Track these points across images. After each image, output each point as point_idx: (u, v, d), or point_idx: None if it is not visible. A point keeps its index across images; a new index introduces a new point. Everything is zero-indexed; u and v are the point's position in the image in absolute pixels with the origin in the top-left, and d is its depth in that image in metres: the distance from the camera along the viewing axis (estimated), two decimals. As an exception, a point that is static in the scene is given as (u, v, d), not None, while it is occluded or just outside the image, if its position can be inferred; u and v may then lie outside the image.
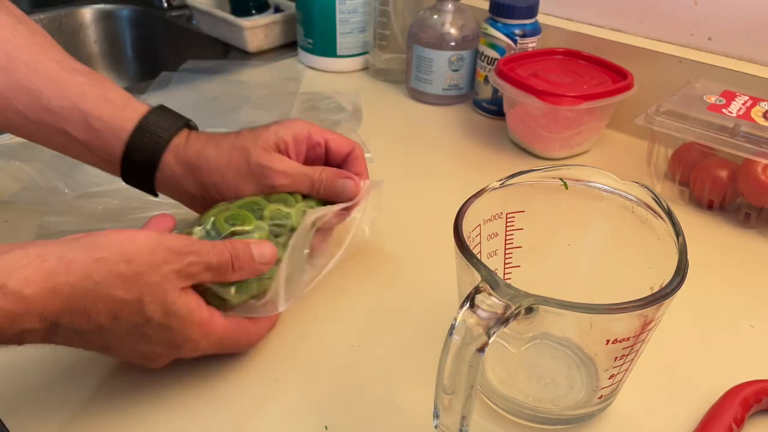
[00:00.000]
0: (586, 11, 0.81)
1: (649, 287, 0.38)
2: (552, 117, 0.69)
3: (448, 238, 0.61)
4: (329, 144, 0.52)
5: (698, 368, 0.47)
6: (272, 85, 0.87)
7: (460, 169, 0.72)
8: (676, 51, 0.73)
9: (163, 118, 0.50)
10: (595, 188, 0.43)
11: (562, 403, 0.42)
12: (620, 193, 0.42)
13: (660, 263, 0.39)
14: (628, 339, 0.36)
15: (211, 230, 0.45)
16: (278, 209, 0.48)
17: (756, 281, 0.55)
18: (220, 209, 0.47)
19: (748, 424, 0.42)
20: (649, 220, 0.41)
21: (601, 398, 0.41)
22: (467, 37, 0.80)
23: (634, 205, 0.42)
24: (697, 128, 0.60)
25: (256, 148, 0.49)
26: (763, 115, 0.60)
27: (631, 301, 0.34)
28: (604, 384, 0.40)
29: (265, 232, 0.46)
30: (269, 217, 0.47)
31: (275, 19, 0.98)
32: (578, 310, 0.34)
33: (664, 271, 0.37)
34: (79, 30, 1.13)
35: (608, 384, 0.40)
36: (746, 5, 0.69)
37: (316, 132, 0.52)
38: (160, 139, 0.49)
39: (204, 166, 0.49)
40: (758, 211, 0.60)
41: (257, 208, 0.47)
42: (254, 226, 0.46)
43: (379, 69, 0.91)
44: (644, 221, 0.41)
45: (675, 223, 0.39)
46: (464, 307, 0.33)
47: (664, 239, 0.39)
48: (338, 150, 0.52)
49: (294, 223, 0.48)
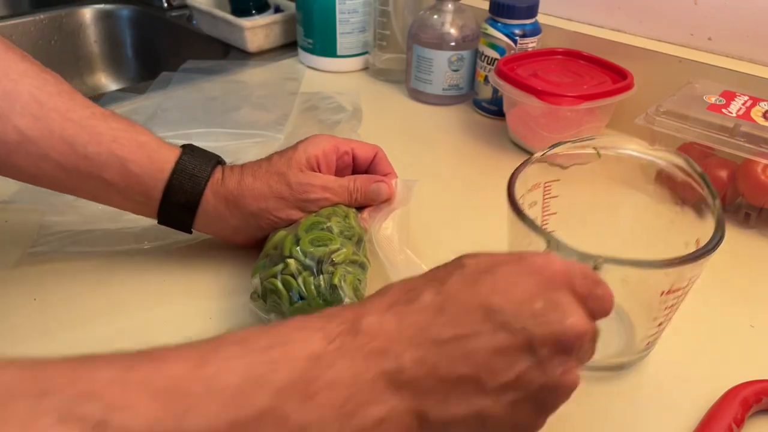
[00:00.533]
0: (586, 11, 0.81)
1: (683, 244, 0.41)
2: (552, 117, 0.69)
3: (448, 237, 0.61)
4: (355, 152, 0.54)
5: (698, 368, 0.47)
6: (272, 85, 0.87)
7: (460, 169, 0.72)
8: (676, 51, 0.73)
9: (197, 158, 0.51)
10: (626, 155, 0.46)
11: (607, 351, 0.45)
12: (651, 158, 0.46)
13: (690, 224, 0.42)
14: (678, 290, 0.41)
15: (305, 259, 0.46)
16: (338, 221, 0.49)
17: (756, 281, 0.55)
18: (285, 236, 0.48)
19: (748, 424, 0.42)
20: (682, 183, 0.44)
21: (648, 344, 0.46)
22: (467, 37, 0.80)
23: (666, 169, 0.45)
24: (697, 128, 0.60)
25: (292, 170, 0.50)
26: (762, 115, 0.60)
27: (688, 254, 0.38)
28: (652, 332, 0.44)
29: (349, 246, 0.47)
30: (339, 232, 0.48)
31: (275, 19, 0.98)
32: (646, 266, 0.37)
33: (695, 232, 0.41)
34: (79, 30, 1.13)
35: (655, 331, 0.44)
36: (746, 5, 0.69)
37: (342, 143, 0.53)
38: (198, 179, 0.50)
39: (247, 194, 0.50)
40: (758, 211, 0.60)
41: (323, 226, 0.48)
42: (340, 242, 0.47)
43: (379, 69, 0.91)
44: (677, 184, 0.44)
45: (708, 185, 0.42)
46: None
47: (696, 202, 0.43)
48: (364, 156, 0.54)
49: (359, 233, 0.50)
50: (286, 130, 0.72)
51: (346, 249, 0.47)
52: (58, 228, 0.57)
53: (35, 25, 1.07)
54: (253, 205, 0.50)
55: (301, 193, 0.50)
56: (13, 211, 0.60)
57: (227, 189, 0.50)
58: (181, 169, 0.49)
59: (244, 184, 0.50)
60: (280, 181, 0.50)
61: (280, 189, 0.50)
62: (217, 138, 0.70)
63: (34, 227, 0.57)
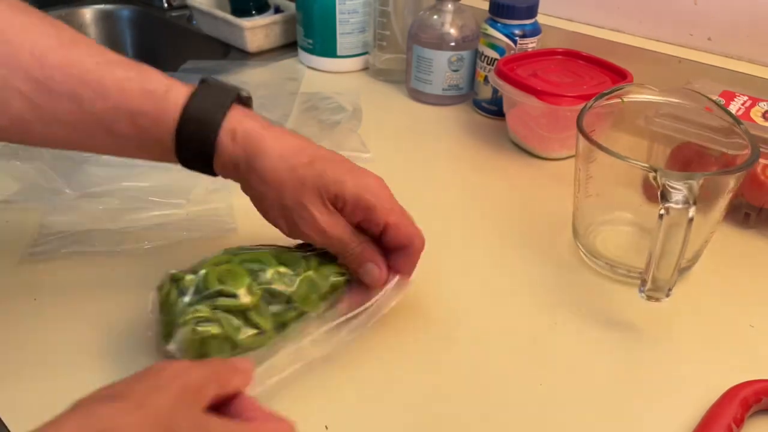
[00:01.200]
0: (586, 11, 0.81)
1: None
2: (552, 117, 0.69)
3: (448, 236, 0.61)
4: (387, 230, 0.46)
5: (698, 368, 0.47)
6: (272, 85, 0.87)
7: (459, 169, 0.72)
8: (676, 51, 0.73)
9: (210, 97, 0.45)
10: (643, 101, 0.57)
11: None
12: (667, 100, 0.57)
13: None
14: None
15: (200, 284, 0.43)
16: (282, 273, 0.45)
17: (756, 281, 0.55)
18: (220, 259, 0.45)
19: (747, 424, 0.42)
20: (700, 114, 0.56)
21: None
22: (467, 37, 0.80)
23: (684, 104, 0.56)
24: (696, 129, 0.60)
25: (313, 192, 0.45)
26: (762, 115, 0.60)
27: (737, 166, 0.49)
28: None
29: (251, 299, 0.43)
30: (267, 282, 0.44)
31: (275, 20, 0.98)
32: (735, 171, 0.48)
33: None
34: (79, 30, 1.11)
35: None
36: (746, 5, 0.69)
37: (382, 211, 0.46)
38: (209, 125, 0.45)
39: (259, 169, 0.45)
40: (758, 211, 0.60)
41: (259, 268, 0.45)
42: (244, 289, 0.43)
43: (379, 69, 0.91)
44: (696, 113, 0.56)
45: (730, 113, 0.53)
46: (665, 194, 0.44)
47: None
48: (393, 240, 0.47)
49: (293, 296, 0.45)
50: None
51: (244, 300, 0.43)
52: (58, 228, 0.57)
53: (35, 25, 1.07)
54: (258, 185, 0.45)
55: (298, 218, 0.45)
56: (13, 211, 0.60)
57: (246, 147, 0.45)
58: (188, 117, 0.44)
59: (262, 154, 0.44)
60: (295, 187, 0.45)
61: (287, 194, 0.45)
62: (217, 138, 0.70)
63: (34, 227, 0.57)
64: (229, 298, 0.43)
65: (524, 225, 0.61)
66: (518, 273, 0.56)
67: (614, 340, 0.49)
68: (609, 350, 0.48)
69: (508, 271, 0.56)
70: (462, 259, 0.57)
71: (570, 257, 0.57)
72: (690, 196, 0.44)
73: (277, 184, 0.45)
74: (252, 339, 0.44)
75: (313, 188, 0.44)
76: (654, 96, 0.57)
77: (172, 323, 0.43)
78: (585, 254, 0.57)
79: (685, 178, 0.45)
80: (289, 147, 0.45)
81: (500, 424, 0.43)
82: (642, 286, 0.47)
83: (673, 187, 0.44)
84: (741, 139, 0.51)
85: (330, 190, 0.45)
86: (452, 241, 0.59)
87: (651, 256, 0.46)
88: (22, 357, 0.46)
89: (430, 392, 0.45)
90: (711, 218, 0.51)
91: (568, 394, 0.45)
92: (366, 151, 0.67)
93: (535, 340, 0.49)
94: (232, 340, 0.43)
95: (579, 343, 0.49)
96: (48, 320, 0.49)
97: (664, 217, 0.44)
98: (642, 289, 0.47)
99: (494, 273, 0.56)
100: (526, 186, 0.68)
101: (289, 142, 0.46)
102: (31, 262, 0.54)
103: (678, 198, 0.44)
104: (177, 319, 0.43)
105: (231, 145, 0.45)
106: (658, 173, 0.45)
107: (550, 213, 0.63)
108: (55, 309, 0.50)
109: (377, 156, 0.69)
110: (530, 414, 0.43)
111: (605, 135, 0.75)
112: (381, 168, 0.68)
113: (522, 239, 0.59)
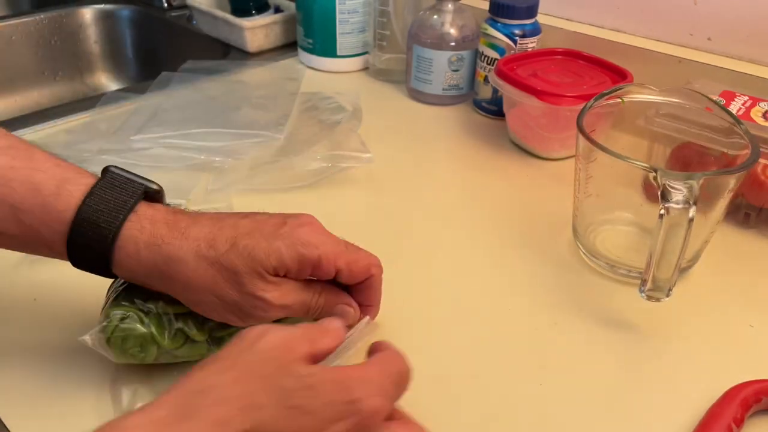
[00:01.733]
0: (586, 11, 0.81)
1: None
2: (552, 117, 0.69)
3: (448, 236, 0.61)
4: (340, 274, 0.42)
5: (698, 368, 0.47)
6: (272, 85, 0.86)
7: (459, 169, 0.72)
8: (676, 51, 0.73)
9: (107, 197, 0.39)
10: (643, 100, 0.58)
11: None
12: (667, 100, 0.57)
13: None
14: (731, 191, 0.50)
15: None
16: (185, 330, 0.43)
17: (755, 281, 0.55)
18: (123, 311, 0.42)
19: (747, 424, 0.42)
20: (700, 114, 0.56)
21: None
22: (467, 37, 0.80)
23: (684, 104, 0.57)
24: (696, 129, 0.60)
25: (251, 275, 0.39)
26: (762, 115, 0.60)
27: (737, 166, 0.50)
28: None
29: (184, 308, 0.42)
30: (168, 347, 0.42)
31: (275, 19, 0.98)
32: (735, 171, 0.49)
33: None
34: (79, 30, 1.13)
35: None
36: (746, 5, 0.69)
37: (328, 260, 0.41)
38: (105, 232, 0.38)
39: (178, 278, 0.39)
40: (758, 211, 0.60)
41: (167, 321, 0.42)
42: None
43: (379, 69, 0.91)
44: (696, 114, 0.56)
45: (730, 113, 0.53)
46: (666, 194, 0.44)
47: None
48: (350, 280, 0.43)
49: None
50: (286, 130, 0.72)
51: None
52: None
53: (35, 25, 1.07)
54: (185, 294, 0.40)
55: (250, 308, 0.40)
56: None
57: (151, 255, 0.39)
58: (81, 220, 0.38)
59: (175, 260, 0.38)
60: (228, 280, 0.39)
61: (225, 289, 0.39)
62: (217, 138, 0.70)
63: (34, 227, 0.57)
64: (161, 302, 0.42)
65: (524, 225, 0.61)
66: (518, 273, 0.56)
67: (614, 340, 0.49)
68: (609, 350, 0.48)
69: (508, 271, 0.56)
70: (462, 259, 0.57)
71: (570, 257, 0.57)
72: (690, 196, 0.44)
73: (208, 285, 0.39)
74: (182, 348, 0.43)
75: (249, 272, 0.39)
76: (654, 96, 0.58)
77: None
78: (585, 254, 0.57)
79: (686, 178, 0.45)
80: (203, 240, 0.39)
81: (500, 424, 0.43)
82: (642, 286, 0.47)
83: (673, 187, 0.45)
84: (741, 139, 0.52)
85: (267, 265, 0.39)
86: (452, 241, 0.59)
87: (651, 256, 0.46)
88: (22, 357, 0.46)
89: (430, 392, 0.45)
90: (711, 218, 0.52)
91: (568, 394, 0.45)
92: (366, 151, 0.67)
93: (535, 340, 0.49)
94: (157, 343, 0.42)
95: (579, 343, 0.49)
96: (48, 320, 0.49)
97: (664, 217, 0.44)
98: (642, 289, 0.47)
99: (494, 273, 0.56)
100: (526, 186, 0.68)
101: (201, 233, 0.40)
102: (31, 262, 0.54)
103: (678, 198, 0.44)
104: (105, 313, 0.42)
105: (135, 254, 0.39)
106: (659, 173, 0.45)
107: (550, 213, 0.63)
108: (55, 309, 0.50)
109: (377, 156, 0.69)
110: (530, 414, 0.43)
111: (605, 135, 0.75)
112: (381, 168, 0.69)
113: (522, 239, 0.59)
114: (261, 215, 0.42)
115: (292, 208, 0.63)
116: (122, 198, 0.39)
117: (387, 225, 0.61)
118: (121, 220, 0.38)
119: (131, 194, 0.40)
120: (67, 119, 0.77)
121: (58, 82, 1.13)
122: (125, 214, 0.39)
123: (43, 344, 0.47)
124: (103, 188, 0.39)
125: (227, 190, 0.64)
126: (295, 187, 0.65)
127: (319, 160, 0.66)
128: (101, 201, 0.38)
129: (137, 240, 0.39)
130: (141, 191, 0.40)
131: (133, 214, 0.39)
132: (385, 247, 0.58)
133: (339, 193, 0.66)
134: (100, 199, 0.39)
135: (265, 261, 0.39)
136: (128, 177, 0.40)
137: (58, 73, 1.13)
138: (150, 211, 0.40)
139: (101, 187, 0.39)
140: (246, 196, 0.64)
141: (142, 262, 0.39)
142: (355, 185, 0.67)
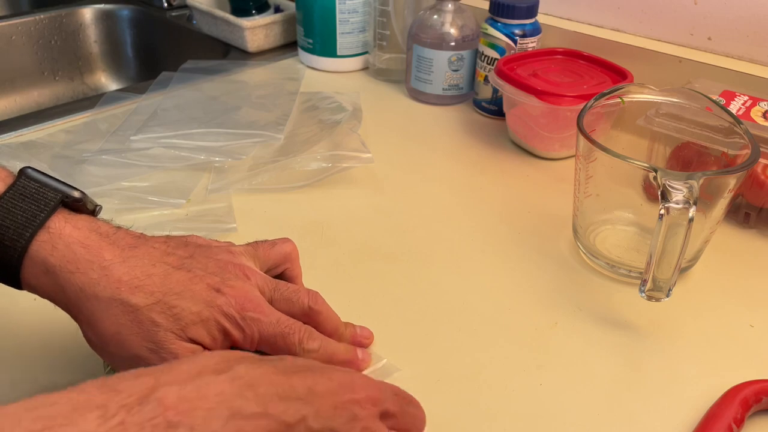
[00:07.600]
0: (586, 11, 0.81)
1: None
2: (552, 117, 0.69)
3: (448, 236, 0.61)
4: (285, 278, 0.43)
5: (698, 368, 0.47)
6: (272, 85, 0.87)
7: (459, 169, 0.72)
8: (676, 51, 0.73)
9: (17, 208, 0.34)
10: (643, 100, 0.58)
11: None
12: (667, 100, 0.58)
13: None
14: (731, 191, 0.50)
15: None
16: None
17: (755, 281, 0.55)
18: None
19: (748, 424, 0.42)
20: (700, 114, 0.56)
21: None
22: (467, 37, 0.80)
23: (684, 104, 0.57)
24: (696, 128, 0.60)
25: (170, 333, 0.35)
26: (762, 115, 0.60)
27: (737, 166, 0.49)
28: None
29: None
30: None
31: (275, 19, 0.98)
32: (735, 171, 0.48)
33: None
34: (79, 30, 1.13)
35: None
36: (746, 5, 0.69)
37: (253, 340, 0.37)
38: (11, 251, 0.34)
39: (84, 312, 0.35)
40: (758, 211, 0.60)
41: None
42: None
43: (379, 69, 0.91)
44: (696, 113, 0.56)
45: (730, 113, 0.53)
46: (666, 194, 0.45)
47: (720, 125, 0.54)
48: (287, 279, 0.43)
49: None
50: (286, 130, 0.72)
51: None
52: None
53: (35, 25, 1.07)
54: (95, 335, 0.35)
55: (156, 361, 0.35)
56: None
57: (59, 283, 0.34)
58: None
59: (87, 297, 0.34)
60: (141, 333, 0.34)
61: (131, 341, 0.34)
62: (217, 138, 0.70)
63: (34, 227, 0.57)
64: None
65: (524, 225, 0.61)
66: (518, 273, 0.56)
67: (614, 340, 0.49)
68: (609, 350, 0.48)
69: (508, 270, 0.56)
70: (461, 259, 0.57)
71: (570, 257, 0.57)
72: (690, 196, 0.44)
73: (114, 332, 0.34)
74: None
75: (170, 330, 0.35)
76: (654, 96, 0.58)
77: None
78: (585, 254, 0.57)
79: (686, 178, 0.45)
80: (125, 284, 0.35)
81: (500, 424, 0.43)
82: (642, 285, 0.47)
83: (673, 186, 0.45)
84: (741, 139, 0.52)
85: (190, 333, 0.35)
86: (452, 240, 0.59)
87: (651, 256, 0.46)
88: (22, 357, 0.46)
89: (429, 391, 0.45)
90: (711, 218, 0.52)
91: (568, 394, 0.45)
92: (366, 151, 0.67)
93: (535, 340, 0.49)
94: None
95: (579, 342, 0.49)
96: (48, 320, 0.49)
97: (664, 216, 0.44)
98: (642, 289, 0.47)
99: (494, 273, 0.56)
100: (526, 186, 0.68)
101: (126, 276, 0.35)
102: (31, 262, 0.54)
103: (678, 198, 0.44)
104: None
105: (43, 276, 0.34)
106: (659, 173, 0.45)
107: (550, 213, 0.63)
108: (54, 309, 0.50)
109: (377, 156, 0.69)
110: (530, 414, 0.43)
111: (605, 135, 0.75)
112: (381, 168, 0.69)
113: (522, 239, 0.59)
114: (200, 262, 0.37)
115: (292, 208, 0.63)
116: (32, 211, 0.34)
117: (387, 225, 0.61)
118: (27, 238, 0.33)
119: (43, 206, 0.34)
120: (67, 119, 0.77)
121: (58, 82, 1.13)
122: (33, 230, 0.34)
123: (43, 345, 0.47)
124: (11, 198, 0.34)
125: (227, 190, 0.64)
126: (295, 187, 0.65)
127: (319, 160, 0.66)
128: (8, 214, 0.33)
129: (46, 262, 0.34)
130: (56, 202, 0.35)
131: (44, 232, 0.34)
132: (386, 246, 0.58)
133: (339, 193, 0.66)
134: (7, 211, 0.34)
135: (187, 328, 0.35)
136: (43, 182, 0.35)
137: (57, 73, 1.13)
138: (67, 228, 0.35)
139: (10, 197, 0.34)
140: (246, 196, 0.64)
141: (50, 286, 0.35)
142: (355, 185, 0.67)
